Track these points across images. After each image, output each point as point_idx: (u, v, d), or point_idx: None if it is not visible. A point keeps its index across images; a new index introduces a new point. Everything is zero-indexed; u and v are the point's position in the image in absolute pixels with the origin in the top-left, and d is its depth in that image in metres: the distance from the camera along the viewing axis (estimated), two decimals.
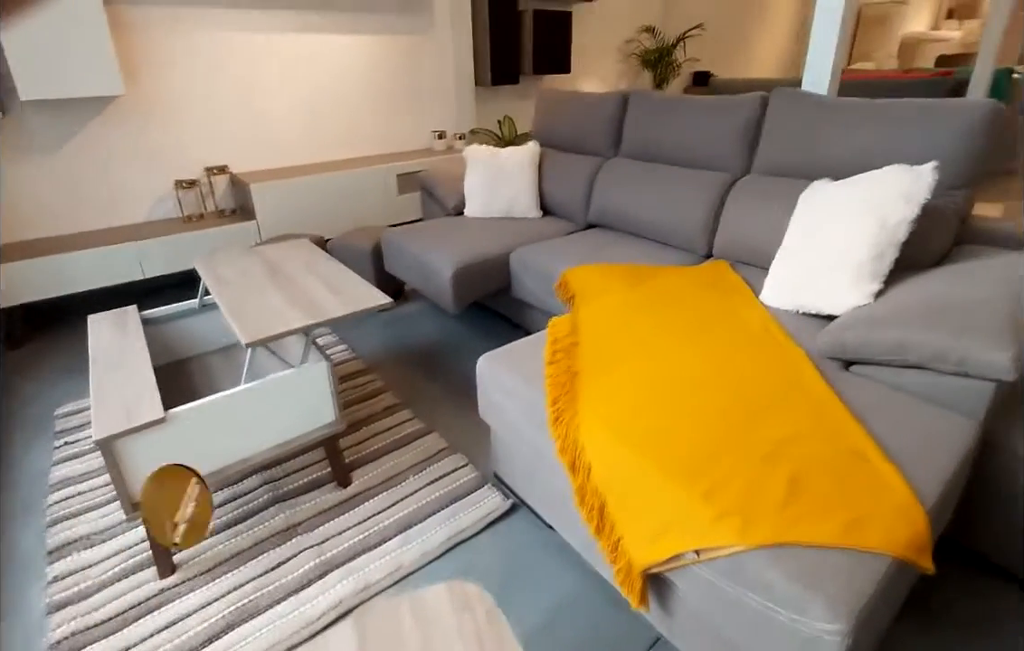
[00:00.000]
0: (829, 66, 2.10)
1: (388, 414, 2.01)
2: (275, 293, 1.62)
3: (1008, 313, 1.18)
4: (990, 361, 1.11)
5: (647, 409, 1.19)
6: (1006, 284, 1.31)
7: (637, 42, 5.21)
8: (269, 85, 3.35)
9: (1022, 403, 1.31)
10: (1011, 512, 1.26)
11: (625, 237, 2.41)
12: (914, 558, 0.89)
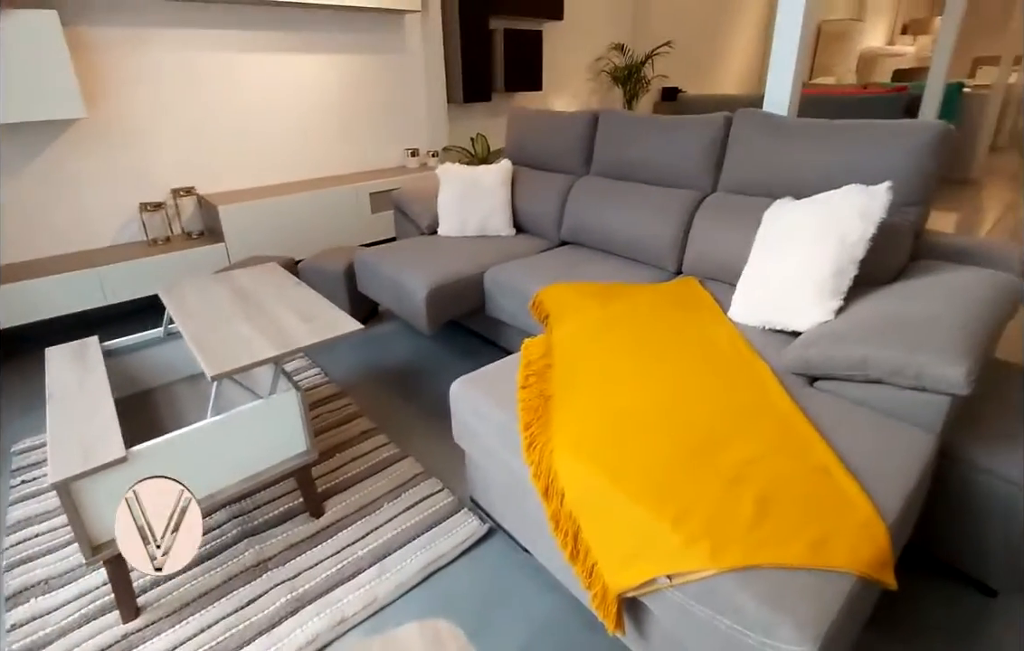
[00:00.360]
0: (789, 84, 2.17)
1: (362, 439, 1.98)
2: (242, 322, 1.59)
3: (962, 329, 1.23)
4: (945, 376, 1.15)
5: (617, 432, 1.20)
6: (960, 299, 1.36)
7: (607, 59, 5.31)
8: (238, 105, 3.30)
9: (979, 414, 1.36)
10: (970, 520, 1.31)
11: (597, 254, 2.44)
12: (877, 575, 0.91)
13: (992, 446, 1.28)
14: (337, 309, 1.67)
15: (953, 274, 1.52)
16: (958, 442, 1.30)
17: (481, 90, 4.30)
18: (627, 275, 2.17)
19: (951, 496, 1.32)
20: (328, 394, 2.27)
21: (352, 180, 3.64)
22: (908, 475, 1.09)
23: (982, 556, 1.32)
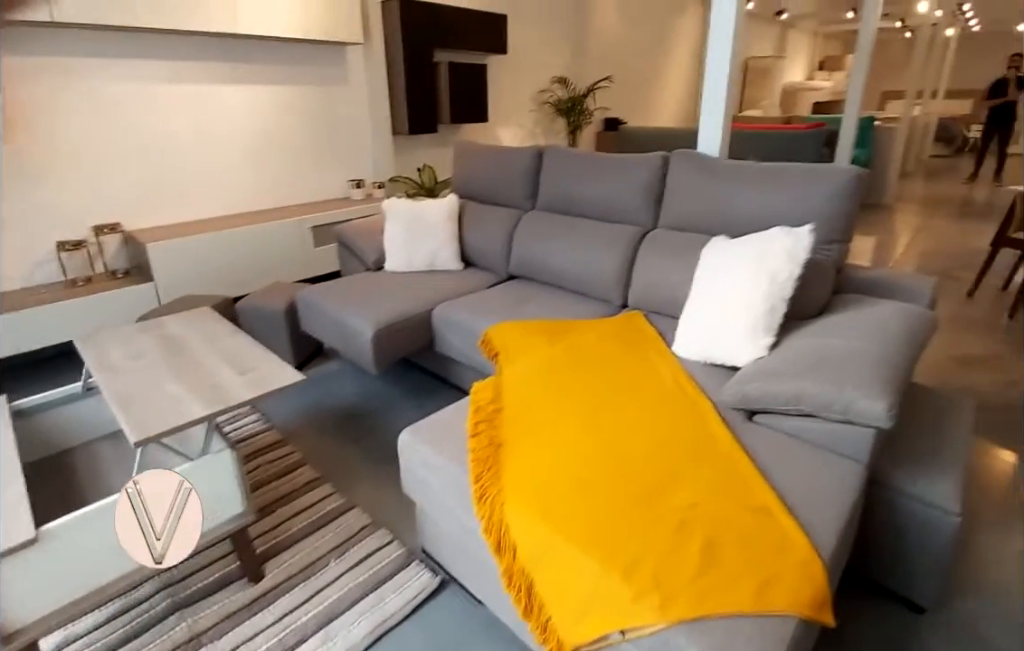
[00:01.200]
0: (720, 127, 2.29)
1: (306, 490, 1.89)
2: (170, 377, 1.49)
3: (884, 364, 1.32)
4: (869, 411, 1.22)
5: (567, 482, 1.20)
6: (881, 334, 1.46)
7: (551, 91, 5.45)
8: (169, 137, 3.15)
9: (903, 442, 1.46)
10: (897, 542, 1.39)
11: (545, 288, 2.47)
12: (816, 616, 0.94)
13: (914, 471, 1.37)
14: (276, 359, 1.60)
15: (873, 308, 1.63)
16: (884, 468, 1.38)
17: (427, 121, 4.31)
18: (575, 309, 2.21)
19: (879, 520, 1.39)
20: (269, 442, 2.16)
21: (293, 213, 3.53)
22: (841, 509, 1.15)
23: (909, 575, 1.40)
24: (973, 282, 3.69)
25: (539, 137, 5.58)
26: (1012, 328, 3.16)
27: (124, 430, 1.26)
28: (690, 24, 7.42)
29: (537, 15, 5.24)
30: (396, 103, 4.18)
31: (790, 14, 9.43)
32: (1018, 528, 1.72)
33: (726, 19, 2.20)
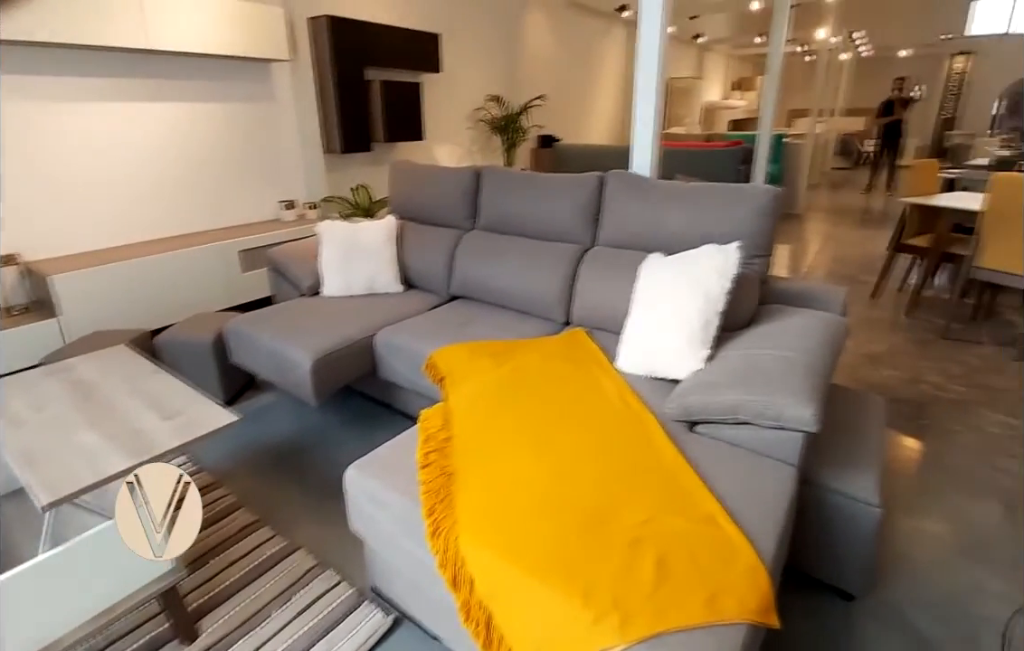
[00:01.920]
0: (650, 149, 2.39)
1: (243, 536, 1.77)
2: (84, 427, 1.36)
3: (809, 371, 1.41)
4: (798, 416, 1.30)
5: (520, 509, 1.19)
6: (805, 342, 1.57)
7: (485, 110, 5.51)
8: (77, 159, 2.90)
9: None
10: (826, 536, 1.48)
11: (488, 308, 2.47)
12: (763, 620, 0.99)
13: (838, 469, 1.47)
14: (205, 399, 1.49)
15: (795, 317, 1.75)
16: (812, 468, 1.48)
17: (360, 140, 4.22)
18: (519, 328, 2.22)
19: (809, 516, 1.49)
20: (200, 485, 2.00)
21: (219, 237, 3.34)
22: (778, 512, 1.22)
23: (839, 566, 1.50)
24: (875, 285, 4.06)
25: (476, 155, 5.61)
26: (911, 325, 3.50)
27: (29, 491, 1.13)
28: (615, 46, 7.75)
29: (470, 34, 5.29)
30: (328, 121, 4.07)
31: (706, 38, 10.08)
32: (929, 513, 1.89)
33: (652, 46, 2.31)
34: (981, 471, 2.10)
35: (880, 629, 1.46)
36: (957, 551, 1.72)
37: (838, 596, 1.55)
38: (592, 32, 7.22)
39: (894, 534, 1.78)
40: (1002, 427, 2.38)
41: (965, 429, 2.37)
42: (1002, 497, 1.96)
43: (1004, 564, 1.67)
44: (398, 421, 2.42)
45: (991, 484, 2.03)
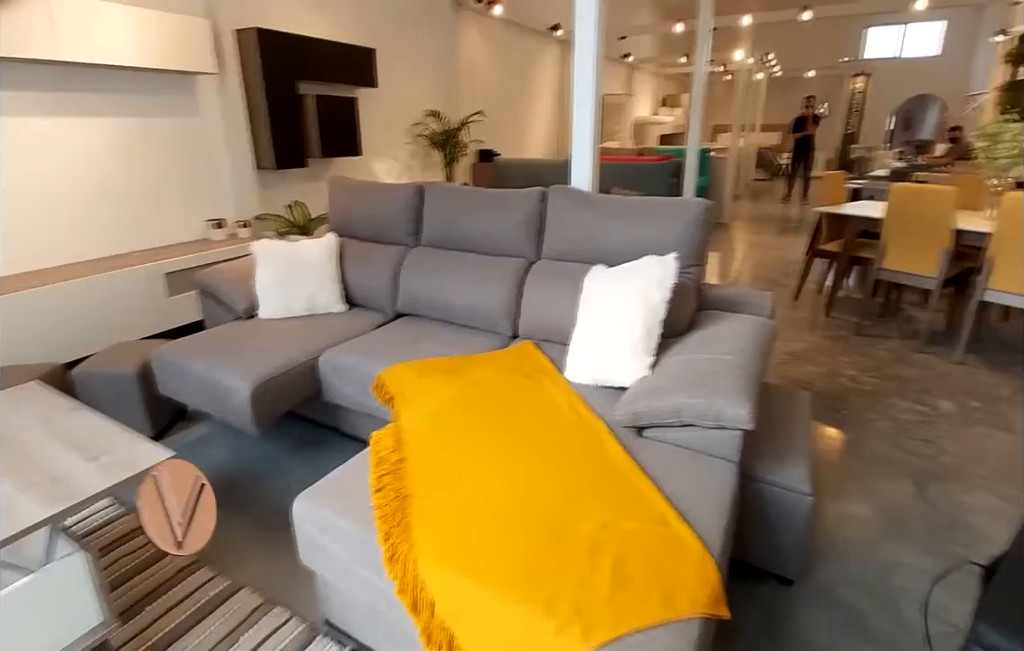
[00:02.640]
0: (589, 165, 2.48)
1: (181, 578, 1.66)
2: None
3: (744, 373, 1.51)
4: (736, 416, 1.39)
5: (477, 526, 1.19)
6: (739, 346, 1.67)
7: (424, 125, 5.49)
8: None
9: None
10: (765, 525, 1.58)
11: (436, 324, 2.45)
12: (714, 612, 1.04)
13: (772, 462, 1.57)
14: (132, 435, 1.39)
15: (729, 322, 1.86)
16: (749, 463, 1.57)
17: (294, 156, 4.10)
18: (467, 343, 2.22)
19: (749, 508, 1.58)
20: (127, 529, 1.86)
21: (141, 259, 3.13)
22: (723, 507, 1.28)
23: (777, 554, 1.60)
24: (796, 288, 4.38)
25: (415, 170, 5.58)
26: (828, 324, 3.79)
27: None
28: (550, 63, 7.96)
29: (406, 50, 5.27)
30: (259, 137, 3.92)
31: (635, 58, 10.56)
32: (853, 497, 2.05)
33: (588, 65, 2.40)
34: (894, 454, 2.30)
35: (816, 609, 1.57)
36: (878, 530, 1.87)
37: (778, 582, 1.65)
38: (527, 49, 7.39)
39: (824, 519, 1.92)
40: (910, 413, 2.63)
41: (879, 417, 2.59)
42: (914, 477, 2.16)
43: (918, 538, 1.83)
44: (347, 445, 2.35)
45: (904, 465, 2.23)
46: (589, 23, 2.35)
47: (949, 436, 2.43)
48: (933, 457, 2.28)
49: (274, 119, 3.89)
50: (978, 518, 1.93)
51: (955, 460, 2.26)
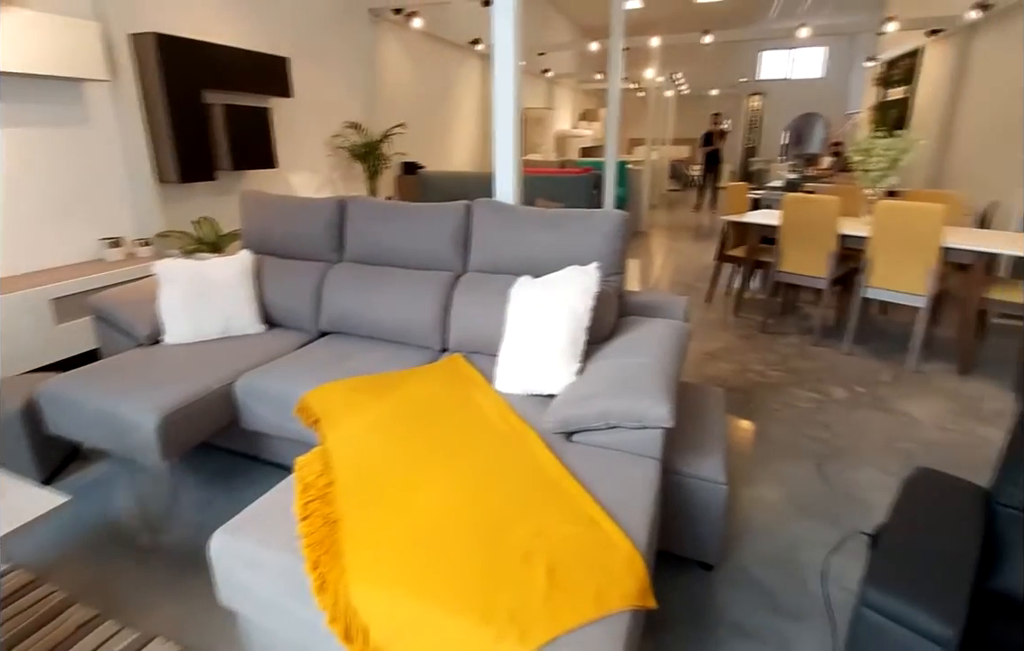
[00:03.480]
0: (512, 178, 2.53)
1: (81, 635, 1.49)
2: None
3: (663, 375, 1.60)
4: (657, 416, 1.47)
5: (411, 544, 1.18)
6: (658, 349, 1.77)
7: (344, 136, 5.35)
8: None
9: None
10: (686, 515, 1.67)
11: (363, 342, 2.39)
12: (642, 603, 1.09)
13: (691, 456, 1.67)
14: (18, 481, 1.25)
15: (648, 327, 1.97)
16: (671, 458, 1.66)
17: (201, 168, 3.85)
18: (396, 359, 2.18)
19: (672, 501, 1.67)
20: (15, 587, 1.65)
21: (23, 284, 2.80)
22: (648, 503, 1.35)
23: (698, 541, 1.70)
24: (708, 291, 4.69)
25: (336, 182, 5.42)
26: (737, 324, 4.10)
27: None
28: (472, 76, 8.04)
29: (323, 59, 5.12)
30: (160, 148, 3.65)
31: (554, 73, 10.90)
32: (763, 482, 2.22)
33: (507, 80, 2.45)
34: (796, 440, 2.52)
35: (734, 590, 1.69)
36: (785, 510, 2.05)
37: (700, 567, 1.75)
38: (449, 62, 7.42)
39: (739, 505, 2.07)
40: (808, 401, 2.89)
41: (783, 406, 2.83)
42: (813, 459, 2.38)
43: (819, 515, 2.02)
44: (269, 473, 2.23)
45: (805, 449, 2.45)
46: (507, 39, 2.41)
47: (841, 420, 2.71)
48: (828, 440, 2.52)
49: (177, 130, 3.64)
50: (867, 492, 2.15)
51: (846, 441, 2.52)
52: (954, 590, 0.85)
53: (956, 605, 0.83)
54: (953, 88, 6.26)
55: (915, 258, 3.17)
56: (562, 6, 10.49)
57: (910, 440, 2.54)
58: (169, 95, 3.57)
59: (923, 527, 1.02)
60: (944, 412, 2.78)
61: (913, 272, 3.20)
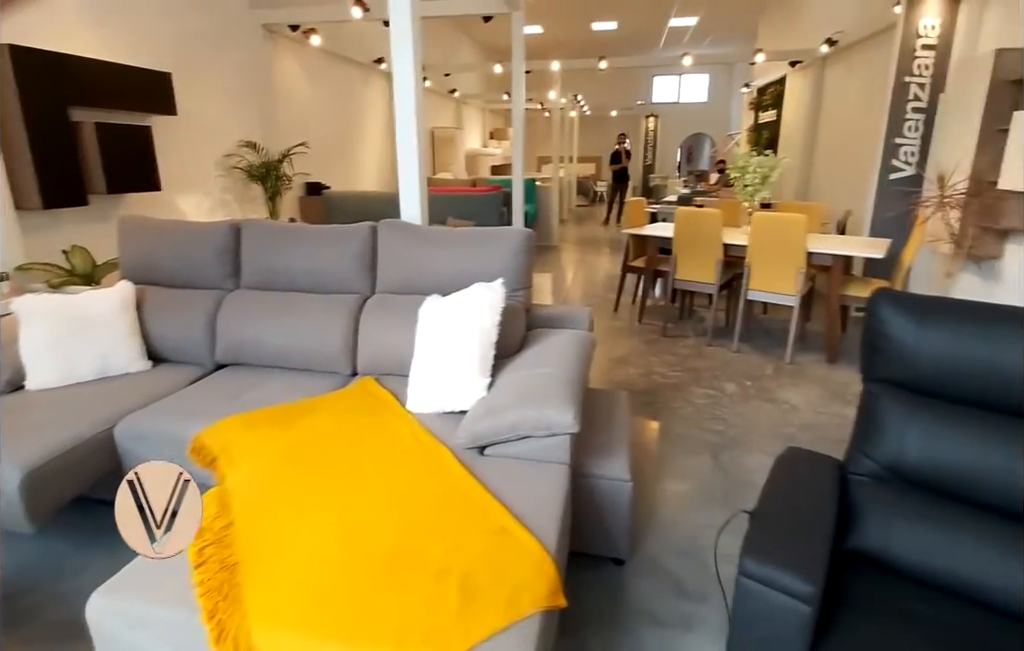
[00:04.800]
0: (417, 199, 2.54)
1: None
2: None
3: (568, 383, 1.67)
4: (563, 422, 1.53)
5: (321, 578, 1.14)
6: (563, 358, 1.85)
7: (239, 156, 5.07)
8: None
9: None
10: (596, 514, 1.75)
11: (266, 372, 2.27)
12: (552, 603, 1.13)
13: (598, 458, 1.76)
14: None
15: (554, 338, 2.05)
16: (580, 461, 1.74)
17: (70, 193, 3.47)
18: (303, 388, 2.09)
19: (583, 502, 1.74)
20: None
21: None
22: (557, 507, 1.40)
23: (609, 538, 1.79)
24: (615, 300, 4.95)
25: (231, 205, 5.11)
26: (641, 330, 4.36)
27: None
28: (377, 95, 7.94)
29: (212, 75, 4.83)
30: (19, 171, 3.25)
31: (462, 93, 11.05)
32: (668, 475, 2.37)
33: (408, 101, 2.47)
34: (696, 434, 2.73)
35: (645, 581, 1.79)
36: (689, 500, 2.20)
37: (613, 563, 1.84)
38: (353, 81, 7.28)
39: (649, 500, 2.20)
40: (705, 398, 3.14)
41: (683, 404, 3.05)
42: (711, 450, 2.58)
43: (718, 501, 2.20)
44: None
45: (703, 442, 2.65)
46: (406, 59, 2.43)
47: (733, 412, 2.96)
48: (723, 432, 2.75)
49: (38, 151, 3.26)
50: (757, 475, 2.37)
51: (739, 431, 2.76)
52: (813, 553, 0.97)
53: (815, 566, 0.94)
54: (812, 112, 7.14)
55: (786, 262, 3.57)
56: (468, 29, 10.70)
57: (791, 425, 2.83)
58: (27, 112, 3.20)
59: (789, 500, 1.16)
60: (817, 397, 3.14)
61: (785, 275, 3.59)
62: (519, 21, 5.41)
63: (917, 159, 4.36)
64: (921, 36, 4.23)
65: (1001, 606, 1.08)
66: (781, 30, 8.75)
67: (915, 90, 4.31)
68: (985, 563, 1.09)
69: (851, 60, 6.16)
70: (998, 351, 1.15)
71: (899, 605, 1.05)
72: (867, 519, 1.20)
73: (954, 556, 1.12)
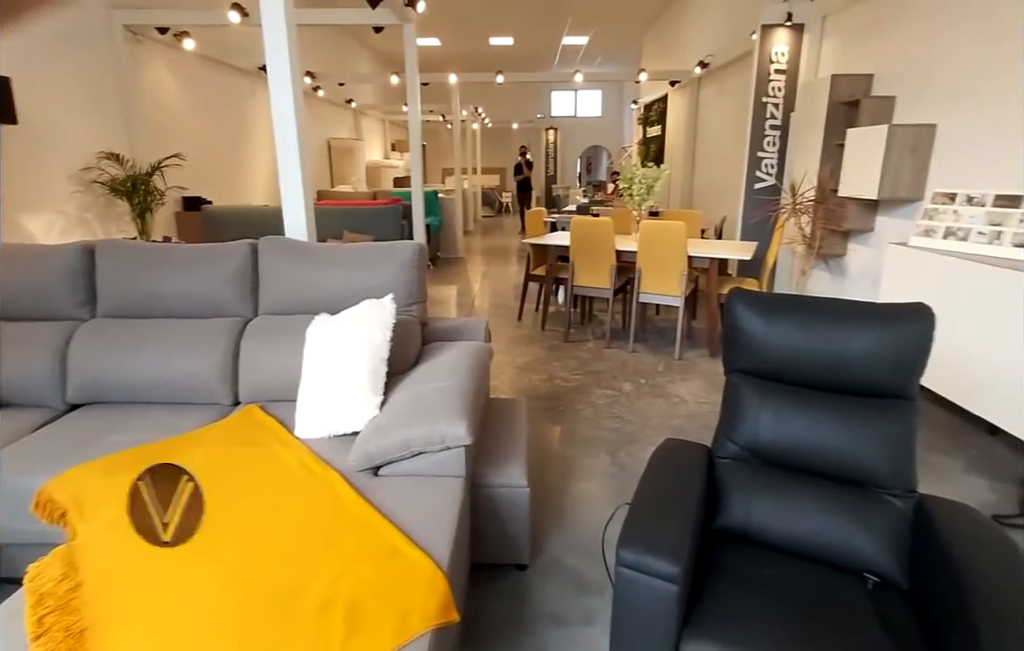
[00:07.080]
0: (302, 205, 2.42)
1: None
2: None
3: (462, 395, 1.67)
4: (455, 435, 1.53)
5: (191, 635, 1.04)
6: (457, 371, 1.84)
7: (100, 170, 4.55)
8: None
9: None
10: (497, 523, 1.77)
11: (130, 409, 2.04)
12: (444, 619, 1.12)
13: (496, 466, 1.78)
14: None
15: (448, 351, 2.05)
16: (479, 472, 1.75)
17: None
18: (175, 424, 1.91)
19: (481, 512, 1.75)
20: None
21: None
22: (451, 521, 1.40)
23: (511, 545, 1.81)
24: (519, 309, 5.04)
25: (92, 224, 4.56)
26: (544, 336, 4.48)
27: None
28: (265, 104, 7.49)
29: (63, 80, 4.30)
30: None
31: (359, 104, 10.76)
32: (571, 476, 2.45)
33: (286, 109, 2.36)
34: (596, 433, 2.84)
35: (548, 582, 1.83)
36: (589, 498, 2.29)
37: (516, 569, 1.86)
38: (237, 89, 6.82)
39: (552, 502, 2.25)
40: (604, 398, 3.29)
41: (584, 406, 3.17)
42: (609, 448, 2.70)
43: (615, 496, 2.30)
44: (3, 592, 1.75)
45: (603, 440, 2.77)
46: (283, 65, 2.33)
47: (630, 409, 3.13)
48: (620, 429, 2.90)
49: None
50: None
51: (635, 427, 2.92)
52: (678, 536, 1.05)
53: (680, 548, 1.02)
54: (691, 127, 7.79)
55: (670, 266, 3.84)
56: (363, 38, 10.45)
57: (679, 416, 3.04)
58: None
59: (662, 488, 1.24)
60: (701, 389, 3.40)
61: (670, 278, 3.87)
62: (411, 33, 5.38)
63: (776, 171, 4.91)
64: (774, 62, 4.78)
65: (841, 561, 1.24)
66: (662, 52, 9.49)
67: (771, 109, 4.86)
68: (825, 525, 1.25)
69: (721, 81, 6.81)
70: (826, 339, 1.32)
71: (755, 571, 1.17)
72: (731, 498, 1.32)
73: (802, 523, 1.27)
